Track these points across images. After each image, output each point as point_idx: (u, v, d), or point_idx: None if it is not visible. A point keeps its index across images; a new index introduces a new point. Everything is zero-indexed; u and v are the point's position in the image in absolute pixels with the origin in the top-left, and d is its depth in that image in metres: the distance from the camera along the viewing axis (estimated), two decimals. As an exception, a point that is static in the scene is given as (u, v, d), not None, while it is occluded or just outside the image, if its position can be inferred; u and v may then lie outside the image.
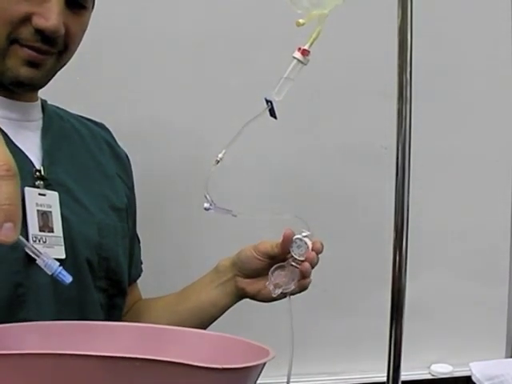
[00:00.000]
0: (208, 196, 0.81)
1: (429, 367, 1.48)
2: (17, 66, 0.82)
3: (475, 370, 1.30)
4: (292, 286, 0.87)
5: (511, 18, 1.47)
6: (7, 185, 0.49)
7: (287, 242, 0.87)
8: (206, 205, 0.81)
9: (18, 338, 0.62)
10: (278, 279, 0.88)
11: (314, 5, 0.73)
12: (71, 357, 0.45)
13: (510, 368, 1.26)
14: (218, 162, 0.79)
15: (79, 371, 0.46)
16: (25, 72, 0.82)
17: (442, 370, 1.47)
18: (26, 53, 0.81)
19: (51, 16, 0.80)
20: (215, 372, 0.47)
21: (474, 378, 1.29)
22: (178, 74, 1.29)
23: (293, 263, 0.87)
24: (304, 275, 0.88)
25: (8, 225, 0.49)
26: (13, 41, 0.81)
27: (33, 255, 0.60)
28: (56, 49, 0.84)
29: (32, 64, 0.82)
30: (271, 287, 0.88)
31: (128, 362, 0.45)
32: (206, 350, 0.64)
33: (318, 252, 0.88)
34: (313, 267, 0.89)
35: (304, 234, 0.87)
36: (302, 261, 0.87)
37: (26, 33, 0.81)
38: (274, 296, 0.88)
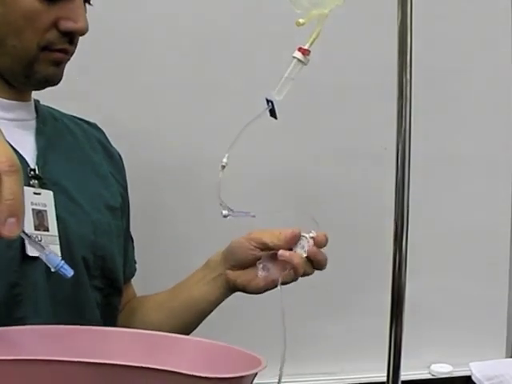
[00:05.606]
0: (223, 203, 0.80)
1: (429, 367, 1.48)
2: (46, 69, 0.85)
3: (475, 369, 1.30)
4: (279, 277, 0.86)
5: (511, 18, 1.47)
6: (10, 180, 0.50)
7: (293, 241, 0.87)
8: (224, 212, 0.82)
9: (15, 341, 0.62)
10: (266, 263, 0.89)
11: (314, 4, 0.73)
12: (67, 363, 0.46)
13: (510, 368, 1.26)
14: (224, 167, 0.79)
15: (74, 377, 0.46)
16: (52, 71, 0.86)
17: (442, 369, 1.47)
18: (56, 55, 0.85)
19: (79, 18, 0.83)
20: (205, 381, 0.48)
21: (473, 378, 1.29)
22: (177, 74, 1.29)
23: None
24: (296, 271, 0.87)
25: (11, 220, 0.50)
26: (43, 48, 0.83)
27: (35, 249, 0.60)
28: (75, 48, 0.87)
29: (57, 63, 0.86)
30: (260, 267, 0.88)
31: (120, 370, 0.46)
32: (200, 358, 0.64)
33: (321, 246, 0.88)
34: (324, 263, 0.89)
35: (311, 235, 0.87)
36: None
37: (53, 37, 0.84)
38: (259, 276, 0.89)
